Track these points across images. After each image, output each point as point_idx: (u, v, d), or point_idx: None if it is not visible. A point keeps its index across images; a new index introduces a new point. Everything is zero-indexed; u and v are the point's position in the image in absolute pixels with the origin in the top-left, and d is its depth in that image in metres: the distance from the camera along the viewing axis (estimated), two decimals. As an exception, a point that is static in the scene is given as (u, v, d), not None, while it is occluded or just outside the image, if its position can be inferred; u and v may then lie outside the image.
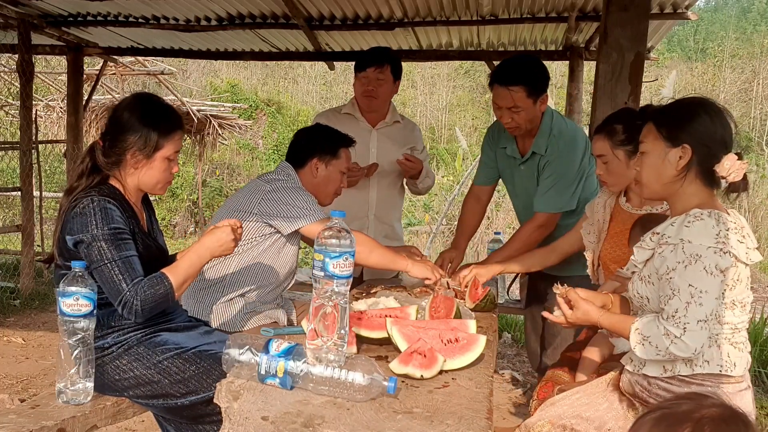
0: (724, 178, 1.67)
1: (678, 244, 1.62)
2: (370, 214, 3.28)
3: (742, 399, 1.67)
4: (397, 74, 3.19)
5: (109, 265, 1.82)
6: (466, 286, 2.48)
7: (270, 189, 2.45)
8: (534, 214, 2.79)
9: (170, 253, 2.14)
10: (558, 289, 1.90)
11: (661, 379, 1.68)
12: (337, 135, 2.66)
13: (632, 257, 1.82)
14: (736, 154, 1.67)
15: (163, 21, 5.60)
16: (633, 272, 1.82)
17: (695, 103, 1.74)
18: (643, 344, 1.65)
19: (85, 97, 7.08)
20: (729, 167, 1.65)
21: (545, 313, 1.96)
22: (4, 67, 9.60)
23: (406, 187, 3.45)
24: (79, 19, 5.77)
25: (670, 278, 1.64)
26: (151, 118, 1.96)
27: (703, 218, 1.62)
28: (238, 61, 14.20)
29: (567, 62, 6.10)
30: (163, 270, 1.89)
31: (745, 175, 1.69)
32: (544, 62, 2.81)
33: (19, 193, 6.07)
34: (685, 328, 1.59)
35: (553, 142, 2.72)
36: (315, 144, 2.62)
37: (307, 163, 2.60)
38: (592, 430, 1.72)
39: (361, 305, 2.14)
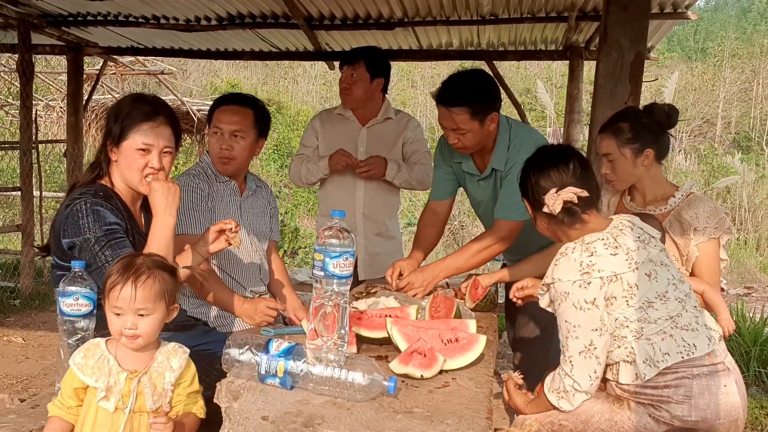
0: (553, 215, 1.79)
1: (552, 283, 1.75)
2: (357, 213, 3.25)
3: (721, 381, 1.69)
4: (375, 71, 3.15)
5: (106, 266, 1.82)
6: (416, 295, 2.43)
7: None
8: (495, 221, 2.53)
9: None
10: (503, 376, 2.01)
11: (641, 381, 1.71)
12: None
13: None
14: (554, 189, 1.78)
15: (163, 21, 5.60)
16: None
17: (530, 158, 1.91)
18: (562, 397, 1.74)
19: (85, 97, 7.08)
20: (551, 204, 1.78)
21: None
22: (4, 67, 9.60)
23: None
24: (79, 18, 5.76)
25: (556, 317, 1.77)
26: (119, 109, 1.97)
27: (567, 253, 1.74)
28: (238, 61, 14.19)
29: (567, 62, 6.10)
30: None
31: (565, 204, 1.77)
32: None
33: (19, 193, 6.08)
34: (571, 362, 1.70)
35: (514, 153, 2.47)
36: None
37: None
38: (579, 424, 1.75)
39: (361, 305, 2.14)
